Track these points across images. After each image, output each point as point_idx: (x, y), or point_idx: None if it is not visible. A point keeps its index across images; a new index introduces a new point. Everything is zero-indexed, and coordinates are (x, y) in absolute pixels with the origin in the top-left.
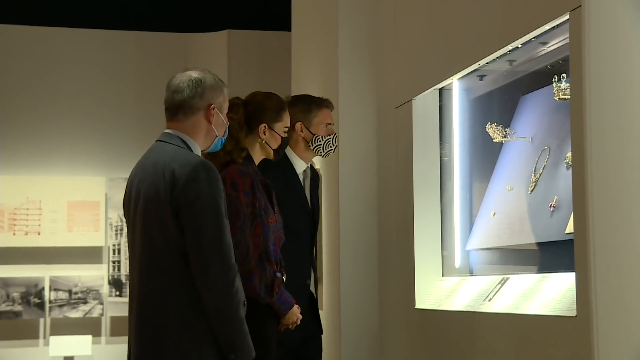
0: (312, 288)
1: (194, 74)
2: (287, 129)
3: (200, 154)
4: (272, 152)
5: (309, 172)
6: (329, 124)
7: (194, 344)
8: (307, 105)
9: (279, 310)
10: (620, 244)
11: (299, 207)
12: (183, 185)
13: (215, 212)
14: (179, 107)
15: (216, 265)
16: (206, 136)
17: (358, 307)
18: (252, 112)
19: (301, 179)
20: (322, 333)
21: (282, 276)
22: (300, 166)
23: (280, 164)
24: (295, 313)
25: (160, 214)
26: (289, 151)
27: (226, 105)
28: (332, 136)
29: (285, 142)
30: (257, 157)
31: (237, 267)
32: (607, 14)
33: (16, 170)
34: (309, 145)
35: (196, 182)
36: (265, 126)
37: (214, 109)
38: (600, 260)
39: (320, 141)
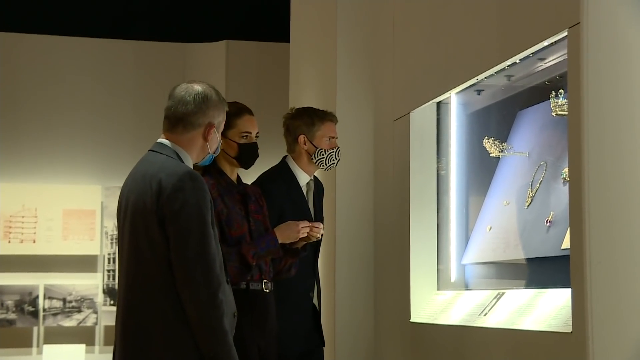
0: (315, 301)
1: (200, 88)
2: (246, 135)
3: (191, 166)
4: (233, 160)
5: (312, 184)
6: (332, 137)
7: (177, 354)
8: (310, 118)
9: (272, 253)
10: (617, 261)
11: (302, 220)
12: (169, 195)
13: (200, 221)
14: (179, 120)
15: (199, 275)
16: (200, 152)
17: (353, 320)
18: None
19: (304, 192)
20: (324, 345)
21: (262, 285)
22: (303, 179)
23: (283, 177)
24: (288, 228)
25: (146, 223)
26: (292, 164)
27: (223, 124)
28: (335, 150)
29: (245, 148)
30: (229, 168)
31: (222, 278)
32: (605, 31)
33: (12, 177)
34: (312, 159)
35: (182, 192)
36: None
37: (213, 127)
38: (597, 277)
39: (323, 154)
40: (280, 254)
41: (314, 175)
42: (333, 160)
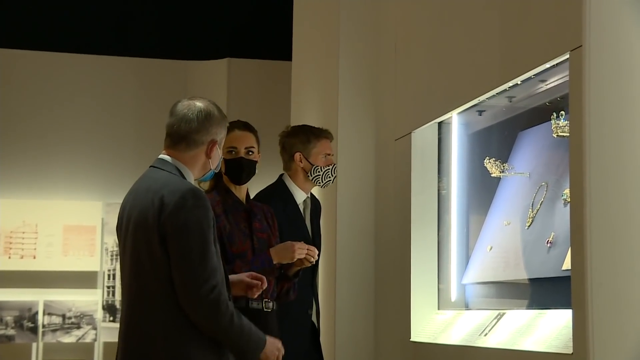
0: (314, 318)
1: (202, 105)
2: (231, 150)
3: (192, 182)
4: (226, 177)
5: (309, 202)
6: (328, 154)
7: None
8: (306, 136)
9: (266, 273)
10: (618, 283)
11: (300, 238)
12: (171, 212)
13: (201, 239)
14: (183, 138)
15: (201, 292)
16: (202, 168)
17: (353, 339)
18: None
19: (301, 209)
20: None
21: (263, 304)
22: (300, 197)
23: (280, 195)
24: (286, 249)
25: (148, 240)
26: (288, 182)
27: (224, 140)
28: (331, 167)
29: (230, 164)
30: (232, 185)
31: (221, 288)
32: (607, 53)
33: (13, 193)
34: (308, 176)
35: (184, 210)
36: None
37: (215, 144)
38: (598, 299)
39: (319, 172)
40: (276, 273)
41: (311, 193)
42: (329, 177)
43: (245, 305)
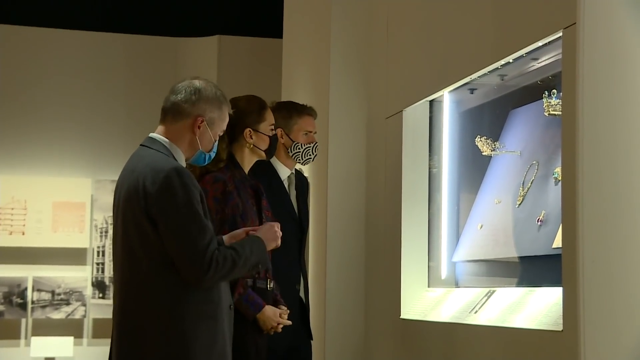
0: (302, 294)
1: (197, 83)
2: (273, 127)
3: (183, 162)
4: (263, 153)
5: (293, 178)
6: (310, 131)
7: (173, 350)
8: (288, 112)
9: (246, 312)
10: (610, 260)
11: (284, 213)
12: (157, 194)
13: (191, 216)
14: (169, 109)
15: (204, 267)
16: (189, 146)
17: (343, 316)
18: (233, 119)
19: (286, 185)
20: (312, 339)
21: (267, 283)
22: (284, 172)
23: (265, 171)
24: (271, 317)
25: (136, 219)
26: (272, 158)
27: (222, 124)
28: (312, 145)
29: (274, 139)
30: (248, 161)
31: (218, 250)
32: (601, 31)
33: (2, 169)
34: (289, 152)
35: (170, 189)
36: (250, 130)
37: (202, 121)
38: (590, 276)
39: (299, 149)
40: (245, 313)
41: (297, 170)
42: (309, 155)
43: (252, 284)
